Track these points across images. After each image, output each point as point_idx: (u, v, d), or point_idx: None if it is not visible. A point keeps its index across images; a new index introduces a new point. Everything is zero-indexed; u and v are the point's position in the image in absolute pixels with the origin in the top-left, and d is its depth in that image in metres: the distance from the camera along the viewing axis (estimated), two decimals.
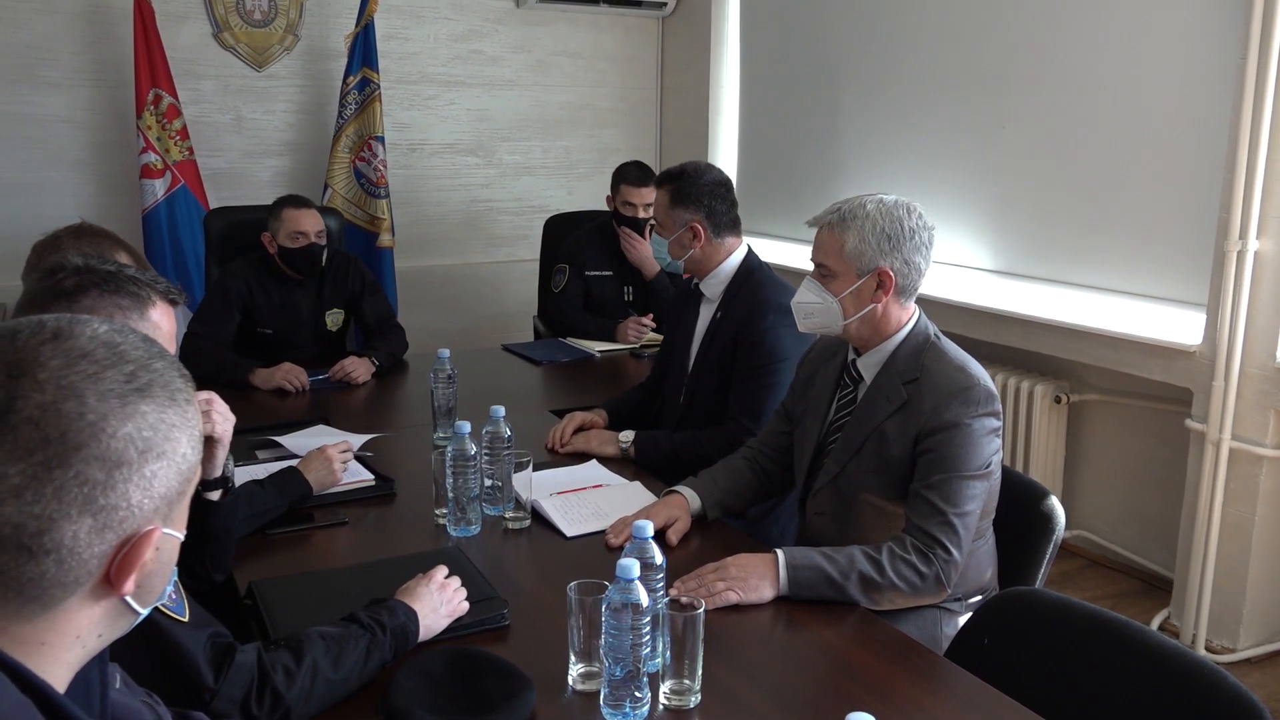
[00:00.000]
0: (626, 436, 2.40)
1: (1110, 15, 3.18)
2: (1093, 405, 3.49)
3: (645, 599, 1.31)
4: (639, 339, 3.46)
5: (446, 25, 4.89)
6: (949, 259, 3.72)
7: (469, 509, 1.92)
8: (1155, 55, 3.07)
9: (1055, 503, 1.87)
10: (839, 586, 1.65)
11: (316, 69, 4.68)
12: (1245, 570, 2.92)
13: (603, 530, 1.92)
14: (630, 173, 3.63)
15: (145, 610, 0.78)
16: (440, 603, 1.52)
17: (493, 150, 5.11)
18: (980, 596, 1.84)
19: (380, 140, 4.54)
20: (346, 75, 4.49)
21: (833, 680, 1.49)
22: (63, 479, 0.69)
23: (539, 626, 1.57)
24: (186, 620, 1.25)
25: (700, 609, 1.36)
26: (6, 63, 4.10)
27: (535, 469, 2.04)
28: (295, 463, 2.07)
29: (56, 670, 0.73)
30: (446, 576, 1.58)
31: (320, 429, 2.50)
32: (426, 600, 1.51)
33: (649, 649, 1.34)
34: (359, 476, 2.15)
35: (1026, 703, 1.38)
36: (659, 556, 1.50)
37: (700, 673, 1.37)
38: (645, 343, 3.45)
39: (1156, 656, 1.36)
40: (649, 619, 1.33)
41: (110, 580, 0.73)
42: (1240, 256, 2.80)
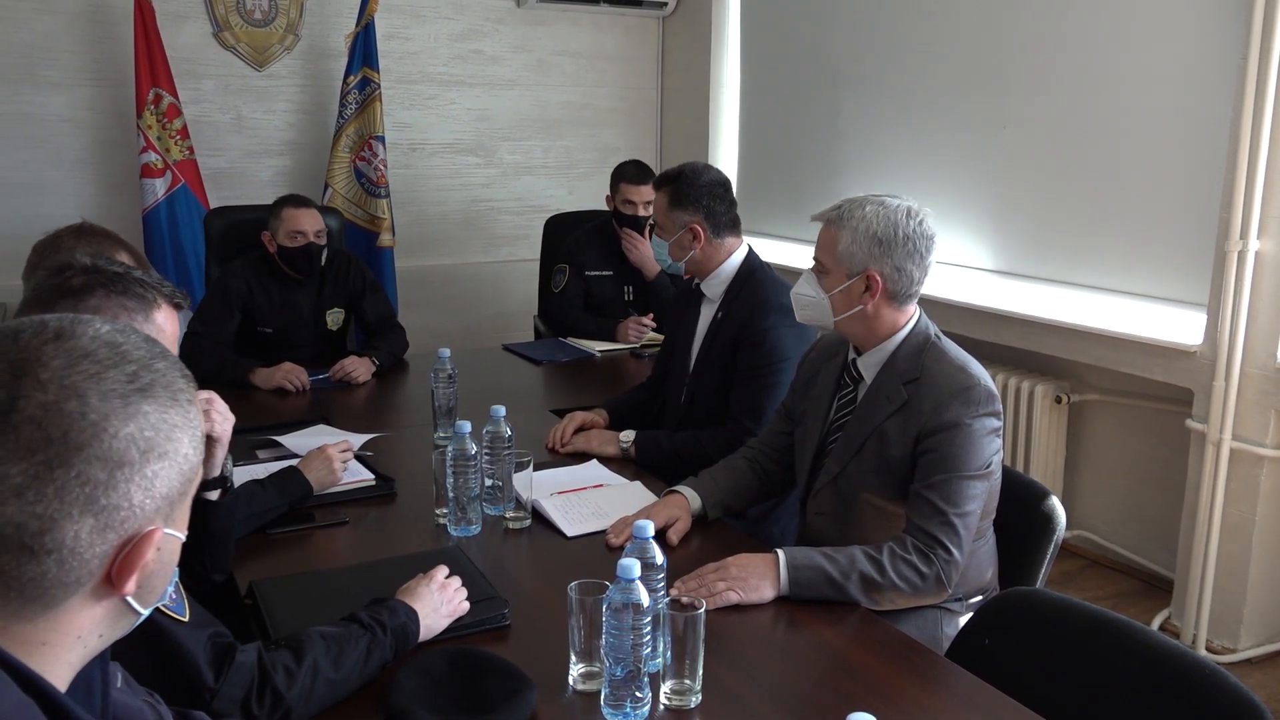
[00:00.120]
0: (627, 436, 2.40)
1: (1111, 16, 3.18)
2: (1093, 405, 3.49)
3: (646, 599, 1.31)
4: (639, 339, 3.46)
5: (447, 25, 4.89)
6: (949, 259, 3.72)
7: (469, 509, 1.92)
8: (1156, 56, 3.07)
9: (1056, 503, 1.87)
10: (840, 586, 1.65)
11: (317, 68, 4.68)
12: (1246, 570, 2.92)
13: (603, 530, 1.92)
14: (629, 171, 3.63)
15: (146, 611, 0.78)
16: (441, 602, 1.52)
17: (493, 150, 5.11)
18: (981, 597, 1.84)
19: (380, 140, 4.53)
20: (347, 75, 4.49)
21: (833, 680, 1.49)
22: (64, 479, 0.69)
23: (540, 626, 1.57)
24: (187, 620, 1.25)
25: (701, 609, 1.36)
26: (7, 62, 4.10)
27: (536, 469, 2.04)
28: (295, 462, 2.07)
29: (58, 670, 0.73)
30: (447, 576, 1.58)
31: (320, 428, 2.50)
32: (427, 600, 1.51)
33: (650, 649, 1.34)
34: (359, 476, 2.15)
35: (1027, 703, 1.37)
36: (660, 556, 1.50)
37: (701, 673, 1.37)
38: (645, 343, 3.45)
39: (1157, 657, 1.36)
40: (650, 619, 1.33)
41: (111, 580, 0.73)
42: (1241, 256, 2.80)
